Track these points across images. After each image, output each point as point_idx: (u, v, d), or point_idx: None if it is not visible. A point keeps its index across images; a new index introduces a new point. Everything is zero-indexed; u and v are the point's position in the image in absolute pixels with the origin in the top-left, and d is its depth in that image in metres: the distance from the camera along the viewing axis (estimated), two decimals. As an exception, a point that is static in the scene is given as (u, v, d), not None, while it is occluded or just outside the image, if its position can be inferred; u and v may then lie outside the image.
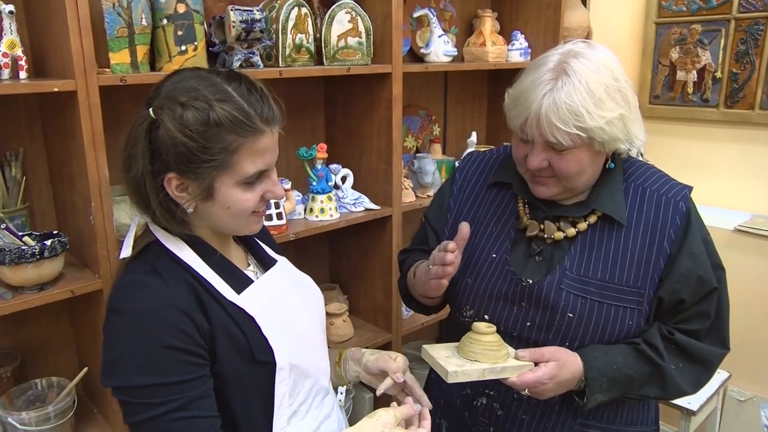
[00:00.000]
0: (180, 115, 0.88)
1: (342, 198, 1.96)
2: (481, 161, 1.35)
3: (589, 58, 1.08)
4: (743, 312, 2.45)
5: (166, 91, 0.91)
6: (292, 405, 1.00)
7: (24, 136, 1.54)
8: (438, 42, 2.14)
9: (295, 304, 1.08)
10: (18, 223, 1.49)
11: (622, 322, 1.13)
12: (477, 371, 1.06)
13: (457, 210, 1.32)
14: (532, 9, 2.41)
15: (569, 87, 1.05)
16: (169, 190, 0.93)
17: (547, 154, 1.10)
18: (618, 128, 1.08)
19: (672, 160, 2.77)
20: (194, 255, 0.97)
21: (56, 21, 1.32)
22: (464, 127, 2.61)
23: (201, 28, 1.51)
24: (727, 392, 2.55)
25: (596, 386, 1.11)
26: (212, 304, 0.94)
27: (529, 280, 1.16)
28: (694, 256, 1.13)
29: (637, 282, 1.13)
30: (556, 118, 1.04)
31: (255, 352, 0.95)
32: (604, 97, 1.06)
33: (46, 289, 1.36)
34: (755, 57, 2.44)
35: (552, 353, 1.10)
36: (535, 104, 1.06)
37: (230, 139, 0.89)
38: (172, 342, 0.87)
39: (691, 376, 1.17)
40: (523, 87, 1.10)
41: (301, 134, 2.08)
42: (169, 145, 0.89)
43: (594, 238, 1.16)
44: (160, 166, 0.91)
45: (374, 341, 2.05)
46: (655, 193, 1.17)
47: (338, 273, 2.27)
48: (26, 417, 1.40)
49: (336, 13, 1.78)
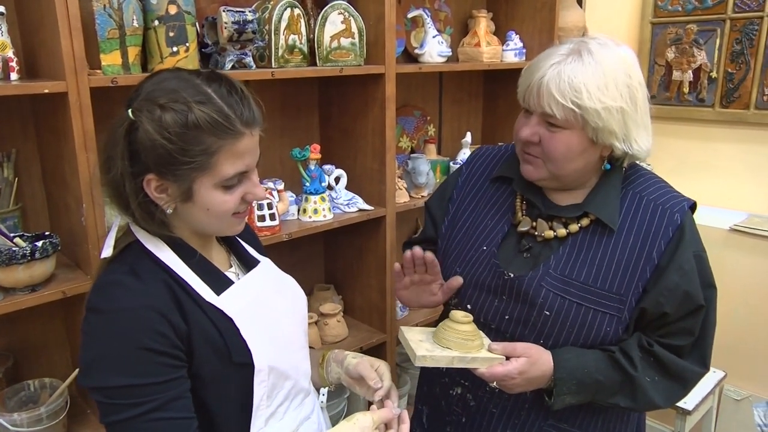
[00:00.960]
0: (159, 117, 0.88)
1: (335, 199, 1.96)
2: (488, 156, 1.36)
3: (611, 49, 1.09)
4: (739, 311, 2.46)
5: (146, 92, 0.90)
6: (270, 406, 1.00)
7: (16, 137, 1.55)
8: (432, 42, 2.14)
9: (276, 305, 1.08)
10: (11, 224, 1.49)
11: (599, 327, 1.13)
12: (446, 358, 1.07)
13: (459, 201, 1.33)
14: (527, 9, 2.41)
15: (578, 64, 1.06)
16: (149, 191, 0.92)
17: (541, 129, 1.11)
18: (615, 120, 1.07)
19: (668, 160, 2.77)
20: (174, 256, 0.96)
21: (47, 22, 1.32)
22: (459, 127, 2.61)
23: (193, 29, 1.51)
24: (723, 391, 2.55)
25: (564, 387, 1.11)
26: (190, 306, 0.93)
27: (510, 274, 1.17)
28: (682, 271, 1.11)
29: (620, 289, 1.12)
30: (555, 88, 1.06)
31: (233, 354, 0.94)
32: (609, 84, 1.06)
33: (37, 290, 1.37)
34: (750, 57, 2.44)
35: (524, 349, 1.10)
36: (540, 72, 1.08)
37: (209, 141, 0.89)
38: (148, 343, 0.87)
39: (664, 390, 1.16)
40: (538, 58, 1.12)
41: (296, 134, 2.08)
42: (148, 146, 0.88)
43: (584, 241, 1.16)
44: (139, 167, 0.91)
45: (369, 341, 2.05)
46: (652, 202, 1.16)
47: (333, 273, 2.27)
48: (18, 418, 1.40)
49: (329, 14, 1.78)
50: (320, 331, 2.00)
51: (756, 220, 2.47)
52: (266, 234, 1.73)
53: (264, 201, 1.72)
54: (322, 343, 2.00)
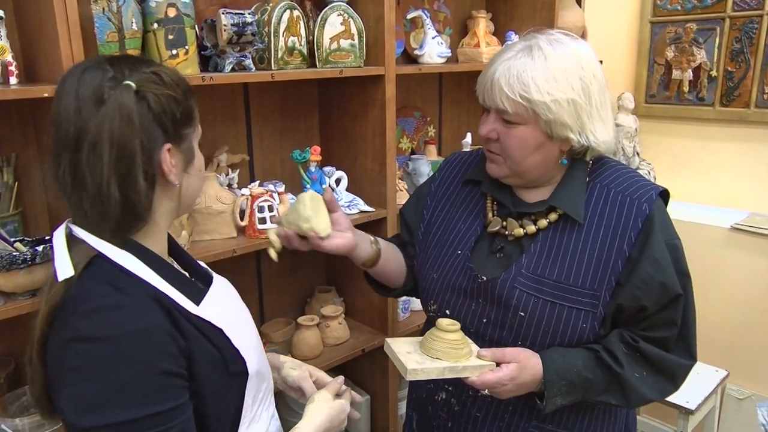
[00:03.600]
0: (162, 79, 0.87)
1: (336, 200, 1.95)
2: (460, 160, 1.37)
3: (564, 43, 1.11)
4: (741, 310, 2.46)
5: (119, 70, 0.85)
6: (252, 411, 0.99)
7: (16, 142, 1.54)
8: (432, 43, 2.14)
9: (240, 307, 1.06)
10: (11, 229, 1.49)
11: (575, 324, 1.12)
12: (437, 369, 1.06)
13: (433, 207, 1.33)
14: (527, 9, 2.41)
15: (527, 59, 1.09)
16: (166, 166, 0.87)
17: (498, 125, 1.13)
18: (566, 112, 1.08)
19: (668, 159, 2.77)
20: (146, 267, 0.87)
21: (46, 26, 1.31)
22: (459, 127, 2.61)
23: (192, 31, 1.51)
24: (726, 390, 2.55)
25: (554, 389, 1.10)
26: (182, 321, 0.88)
27: (484, 277, 1.17)
28: (655, 262, 1.10)
29: (593, 284, 1.12)
30: (505, 83, 1.08)
31: (229, 365, 0.92)
32: (558, 77, 1.07)
33: (38, 295, 1.36)
34: (750, 55, 2.44)
35: (513, 354, 1.10)
36: (492, 69, 1.12)
37: (192, 96, 0.93)
38: (160, 366, 0.81)
39: (655, 385, 1.15)
40: (494, 56, 1.16)
41: (296, 136, 2.08)
42: (160, 112, 0.85)
43: (555, 237, 1.16)
44: (155, 140, 0.86)
45: (370, 343, 2.05)
46: (620, 194, 1.15)
47: (334, 275, 2.27)
48: (20, 423, 1.39)
49: (328, 16, 1.78)
50: (322, 333, 1.99)
51: (757, 219, 2.46)
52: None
53: (265, 203, 1.72)
54: (324, 346, 1.99)
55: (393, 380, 2.14)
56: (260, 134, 2.00)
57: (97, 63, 0.87)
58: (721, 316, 2.48)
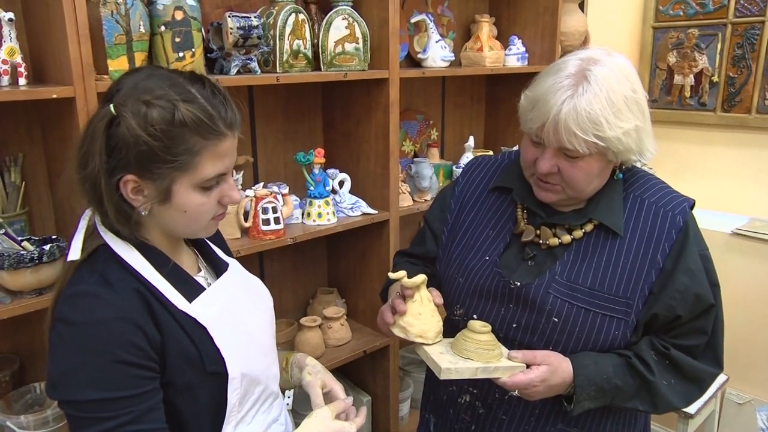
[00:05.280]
0: (144, 113, 0.86)
1: (339, 202, 1.97)
2: (485, 166, 1.36)
3: (610, 66, 1.08)
4: (741, 315, 2.46)
5: (128, 88, 0.89)
6: (240, 412, 0.99)
7: (23, 142, 1.56)
8: (435, 47, 2.16)
9: (246, 309, 1.06)
10: (17, 228, 1.50)
11: (607, 332, 1.13)
12: (470, 369, 1.07)
13: (458, 211, 1.33)
14: (530, 14, 2.42)
15: (590, 94, 1.04)
16: (124, 192, 0.90)
17: (558, 160, 1.10)
18: (633, 140, 1.08)
19: (670, 164, 2.78)
20: (144, 261, 0.93)
21: (55, 28, 1.33)
22: (462, 131, 2.62)
23: (198, 34, 1.53)
24: (726, 395, 2.55)
25: (584, 393, 1.11)
26: (163, 315, 0.91)
27: (517, 283, 1.17)
28: (691, 273, 1.12)
29: (626, 293, 1.13)
30: (575, 125, 1.03)
31: (206, 364, 0.93)
32: (623, 108, 1.06)
33: (44, 294, 1.38)
34: (752, 61, 2.45)
35: (544, 357, 1.11)
36: (554, 109, 1.05)
37: (193, 140, 0.88)
38: (123, 356, 0.85)
39: (682, 393, 1.16)
40: (543, 90, 1.08)
41: (300, 139, 2.10)
42: (130, 143, 0.86)
43: (588, 246, 1.17)
44: (117, 164, 0.88)
45: (372, 345, 2.06)
46: (654, 205, 1.16)
47: (336, 277, 2.28)
48: (25, 420, 1.41)
49: (333, 19, 1.79)
50: (324, 334, 2.01)
51: (758, 224, 2.47)
52: (271, 238, 1.74)
53: (269, 205, 1.73)
54: (326, 347, 2.00)
55: (394, 381, 2.15)
56: (264, 136, 2.02)
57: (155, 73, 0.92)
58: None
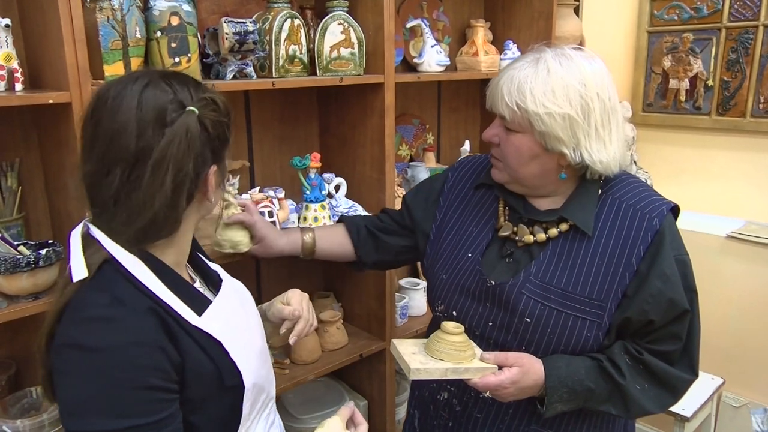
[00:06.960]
0: (218, 106, 0.92)
1: (335, 206, 1.97)
2: (473, 164, 1.39)
3: (572, 59, 1.12)
4: (737, 319, 2.47)
5: (180, 93, 0.89)
6: (248, 420, 1.00)
7: (20, 147, 1.56)
8: (431, 52, 2.17)
9: (244, 318, 1.06)
10: (14, 233, 1.51)
11: (579, 333, 1.14)
12: (440, 370, 1.09)
13: (446, 208, 1.35)
14: (525, 19, 2.43)
15: (530, 70, 1.12)
16: (210, 186, 0.94)
17: (500, 131, 1.18)
18: (559, 126, 1.09)
19: (665, 168, 2.79)
20: (153, 276, 0.90)
21: (51, 34, 1.34)
22: (458, 135, 2.63)
23: (194, 40, 1.53)
24: (722, 398, 2.56)
25: (555, 395, 1.12)
26: (180, 333, 0.89)
27: (492, 281, 1.19)
28: (665, 277, 1.11)
29: (600, 295, 1.13)
30: (506, 91, 1.13)
31: (225, 378, 0.93)
32: (557, 92, 1.09)
33: (41, 298, 1.38)
34: (746, 65, 2.47)
35: (516, 359, 1.11)
36: (499, 77, 1.17)
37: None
38: (147, 381, 0.82)
39: (655, 398, 1.17)
40: (505, 67, 1.21)
41: (295, 143, 2.10)
42: (213, 137, 0.92)
43: (564, 246, 1.17)
44: (202, 163, 0.91)
45: (368, 349, 2.06)
46: (631, 207, 1.16)
47: (332, 281, 2.29)
48: (21, 425, 1.41)
49: (329, 25, 1.80)
50: (320, 338, 2.01)
51: (753, 227, 2.48)
52: (267, 242, 1.74)
53: (265, 209, 1.73)
54: (323, 351, 2.01)
55: (391, 385, 2.15)
56: (260, 141, 2.03)
57: (153, 80, 0.89)
58: (717, 324, 2.49)
